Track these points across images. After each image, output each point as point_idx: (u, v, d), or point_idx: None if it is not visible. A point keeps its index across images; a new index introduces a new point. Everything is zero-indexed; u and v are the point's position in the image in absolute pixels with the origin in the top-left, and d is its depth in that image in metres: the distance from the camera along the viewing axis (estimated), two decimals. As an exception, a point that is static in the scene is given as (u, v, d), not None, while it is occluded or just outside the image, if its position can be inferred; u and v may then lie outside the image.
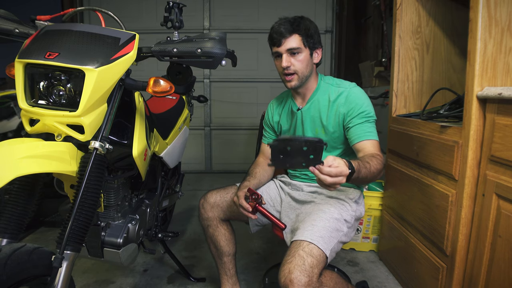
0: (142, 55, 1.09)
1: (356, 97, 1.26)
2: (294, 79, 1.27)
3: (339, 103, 1.27)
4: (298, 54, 1.24)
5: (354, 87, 1.30)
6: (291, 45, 1.23)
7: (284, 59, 1.24)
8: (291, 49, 1.23)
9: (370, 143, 1.20)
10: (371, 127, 1.23)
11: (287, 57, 1.24)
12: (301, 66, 1.25)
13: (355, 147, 1.23)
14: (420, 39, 1.75)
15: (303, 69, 1.26)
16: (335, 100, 1.28)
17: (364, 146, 1.20)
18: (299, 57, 1.24)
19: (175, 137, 1.77)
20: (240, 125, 4.01)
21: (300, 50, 1.24)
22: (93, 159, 0.95)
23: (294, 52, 1.24)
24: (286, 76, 1.27)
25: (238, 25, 3.82)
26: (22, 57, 0.92)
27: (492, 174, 1.11)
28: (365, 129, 1.22)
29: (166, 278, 1.75)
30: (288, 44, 1.23)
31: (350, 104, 1.25)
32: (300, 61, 1.25)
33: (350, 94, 1.27)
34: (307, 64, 1.26)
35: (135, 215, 1.32)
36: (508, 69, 1.15)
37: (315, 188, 1.36)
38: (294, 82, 1.27)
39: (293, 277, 0.97)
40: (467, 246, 1.22)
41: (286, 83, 1.29)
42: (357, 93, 1.27)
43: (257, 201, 1.18)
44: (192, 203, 2.88)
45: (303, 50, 1.24)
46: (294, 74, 1.26)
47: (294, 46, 1.23)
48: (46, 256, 0.88)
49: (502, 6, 1.12)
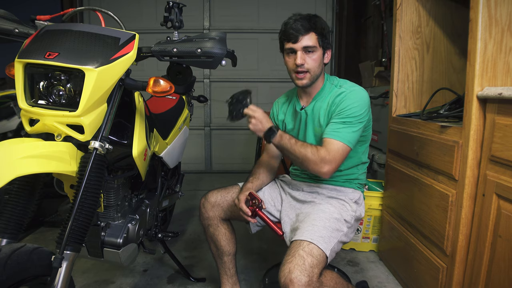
0: (142, 55, 1.09)
1: (349, 99, 1.22)
2: (306, 77, 1.24)
3: (335, 103, 1.24)
4: (312, 52, 1.22)
5: (355, 89, 1.25)
6: (308, 43, 1.21)
7: (299, 56, 1.21)
8: (307, 47, 1.21)
9: (329, 143, 1.16)
10: (344, 128, 1.18)
11: (302, 55, 1.21)
12: (315, 65, 1.23)
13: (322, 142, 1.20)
14: (420, 39, 1.75)
15: (315, 68, 1.24)
16: (333, 100, 1.26)
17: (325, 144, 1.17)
18: (313, 56, 1.22)
19: (175, 137, 1.77)
20: (240, 125, 4.00)
21: (315, 49, 1.22)
22: (93, 159, 0.95)
23: (309, 51, 1.22)
24: (298, 74, 1.24)
25: (238, 25, 3.82)
26: (22, 57, 0.92)
27: (492, 174, 1.11)
28: (335, 128, 1.18)
29: (166, 278, 1.75)
30: (305, 42, 1.20)
31: (342, 104, 1.22)
32: (314, 60, 1.23)
33: (347, 95, 1.23)
34: (320, 64, 1.25)
35: (135, 215, 1.32)
36: (508, 69, 1.15)
37: (316, 188, 1.36)
38: (305, 80, 1.25)
39: (293, 277, 0.97)
40: (467, 246, 1.22)
41: (296, 81, 1.26)
42: (354, 95, 1.23)
43: (257, 205, 1.19)
44: (192, 203, 2.88)
45: (318, 49, 1.23)
46: (307, 73, 1.24)
47: (311, 44, 1.21)
48: (46, 256, 0.88)
49: (502, 6, 1.12)
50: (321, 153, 1.14)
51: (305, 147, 1.16)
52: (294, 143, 1.17)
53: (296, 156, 1.17)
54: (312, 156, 1.14)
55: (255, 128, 1.18)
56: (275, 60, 3.77)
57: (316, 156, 1.14)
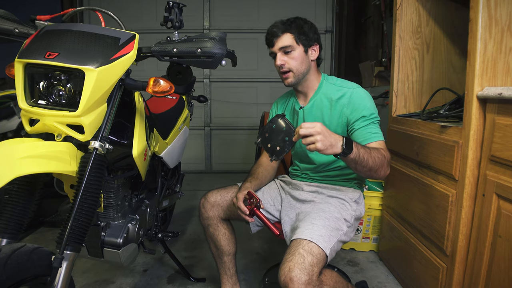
0: (142, 55, 1.09)
1: (359, 98, 1.26)
2: (290, 76, 1.29)
3: (343, 104, 1.27)
4: (291, 52, 1.26)
5: (357, 87, 1.29)
6: (283, 43, 1.25)
7: (278, 58, 1.27)
8: (283, 47, 1.26)
9: (377, 144, 1.19)
10: (376, 128, 1.23)
11: (280, 56, 1.27)
12: (295, 63, 1.27)
13: None
14: (420, 39, 1.75)
15: (297, 66, 1.27)
16: (337, 100, 1.28)
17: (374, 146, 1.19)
18: (292, 55, 1.26)
19: (175, 137, 1.77)
20: (240, 125, 4.01)
21: (292, 47, 1.26)
22: (93, 159, 0.95)
23: (287, 51, 1.26)
24: (283, 74, 1.30)
25: (238, 25, 3.82)
26: (22, 57, 0.92)
27: (492, 174, 1.11)
28: (371, 130, 1.22)
29: (166, 278, 1.75)
30: (280, 43, 1.26)
31: (354, 105, 1.25)
32: (294, 59, 1.27)
33: (353, 95, 1.26)
34: (302, 61, 1.28)
35: (135, 215, 1.32)
36: (508, 69, 1.15)
37: (316, 188, 1.36)
38: (290, 79, 1.29)
39: (293, 275, 0.97)
40: (467, 246, 1.22)
41: (283, 80, 1.32)
42: (360, 94, 1.27)
43: (255, 205, 1.19)
44: (192, 203, 2.88)
45: (296, 47, 1.26)
46: (290, 72, 1.28)
47: (286, 44, 1.25)
48: (46, 256, 0.88)
49: (502, 6, 1.12)
50: (386, 154, 1.14)
51: (375, 152, 1.09)
52: (369, 150, 1.06)
53: (373, 164, 1.07)
54: (384, 159, 1.11)
55: (326, 144, 0.94)
56: (275, 60, 3.76)
57: (386, 159, 1.12)
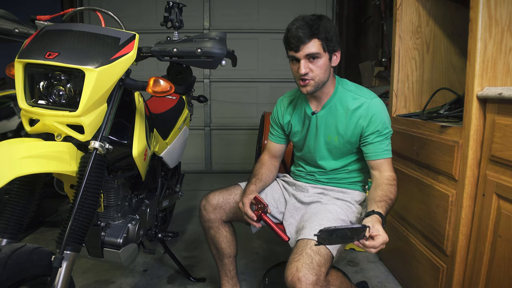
0: (142, 55, 1.09)
1: (377, 111, 1.22)
2: (310, 84, 1.19)
3: (360, 115, 1.22)
4: (317, 59, 1.16)
5: (374, 98, 1.24)
6: (310, 51, 1.14)
7: (303, 65, 1.15)
8: (310, 54, 1.14)
9: (386, 162, 1.22)
10: (389, 144, 1.24)
11: (305, 63, 1.15)
12: (320, 72, 1.17)
13: (371, 163, 1.24)
14: (420, 39, 1.75)
15: (321, 75, 1.18)
16: (354, 110, 1.23)
17: (380, 165, 1.22)
18: (318, 63, 1.16)
19: (175, 137, 1.77)
20: (240, 125, 4.01)
21: (319, 55, 1.15)
22: (93, 159, 0.95)
23: (313, 58, 1.16)
24: (302, 81, 1.19)
25: (238, 25, 3.82)
26: (22, 57, 0.92)
27: (492, 174, 1.11)
28: (383, 147, 1.22)
29: (166, 278, 1.75)
30: (307, 50, 1.14)
31: (371, 118, 1.21)
32: (319, 67, 1.17)
33: (371, 107, 1.22)
34: (326, 69, 1.19)
35: (135, 215, 1.32)
36: (508, 69, 1.15)
37: (321, 190, 1.34)
38: (309, 87, 1.19)
39: (301, 275, 0.96)
40: (467, 246, 1.22)
41: (301, 88, 1.21)
42: (378, 106, 1.23)
43: (263, 210, 1.17)
44: (192, 203, 2.88)
45: (323, 55, 1.16)
46: (311, 80, 1.18)
47: (313, 51, 1.14)
48: (46, 256, 0.88)
49: (502, 6, 1.12)
50: (394, 179, 1.20)
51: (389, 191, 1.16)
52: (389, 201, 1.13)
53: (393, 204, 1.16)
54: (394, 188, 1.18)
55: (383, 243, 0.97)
56: (275, 60, 3.76)
57: (394, 186, 1.19)
